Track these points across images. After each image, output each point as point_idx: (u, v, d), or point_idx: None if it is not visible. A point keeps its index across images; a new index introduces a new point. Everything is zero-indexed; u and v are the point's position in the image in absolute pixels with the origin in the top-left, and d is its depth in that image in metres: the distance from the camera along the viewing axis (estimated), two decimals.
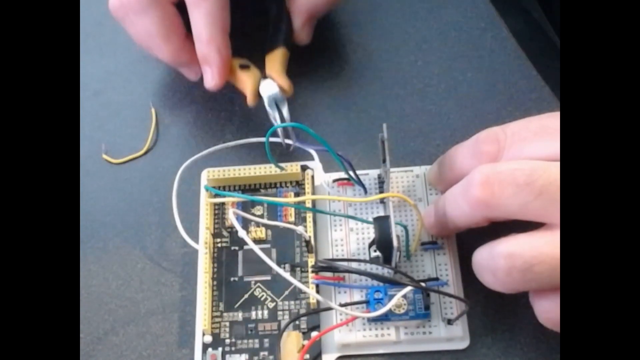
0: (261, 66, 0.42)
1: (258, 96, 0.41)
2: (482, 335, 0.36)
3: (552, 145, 0.32)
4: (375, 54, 0.46)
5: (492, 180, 0.32)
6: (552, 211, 0.31)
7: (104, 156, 0.44)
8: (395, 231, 0.35)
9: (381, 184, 0.40)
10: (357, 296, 0.37)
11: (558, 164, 0.31)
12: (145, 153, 0.44)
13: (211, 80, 0.41)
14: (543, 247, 0.31)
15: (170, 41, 0.41)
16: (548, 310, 0.32)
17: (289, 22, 0.43)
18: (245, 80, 0.42)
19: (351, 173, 0.39)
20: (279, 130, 0.40)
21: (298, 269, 0.39)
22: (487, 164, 0.33)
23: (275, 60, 0.42)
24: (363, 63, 0.46)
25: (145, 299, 0.39)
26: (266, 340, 0.37)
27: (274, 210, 0.41)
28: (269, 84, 0.41)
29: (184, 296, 0.39)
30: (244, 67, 0.42)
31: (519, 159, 0.33)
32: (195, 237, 0.39)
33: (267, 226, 0.40)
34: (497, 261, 0.32)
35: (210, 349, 0.37)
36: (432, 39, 0.46)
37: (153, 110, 0.45)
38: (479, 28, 0.46)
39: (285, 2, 0.43)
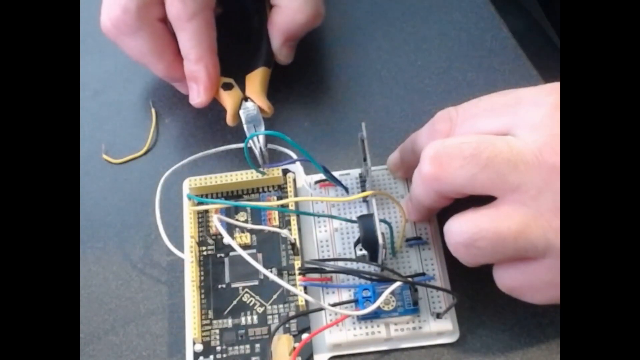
0: (244, 85, 0.43)
1: (238, 117, 0.42)
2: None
3: (500, 120, 0.33)
4: (375, 54, 0.46)
5: (441, 154, 0.33)
6: (498, 184, 0.31)
7: (104, 156, 0.44)
8: (380, 228, 0.35)
9: (363, 183, 0.41)
10: (345, 296, 0.37)
11: (504, 138, 0.32)
12: (145, 153, 0.44)
13: (197, 97, 0.42)
14: (484, 223, 0.32)
15: (163, 58, 0.42)
16: (505, 278, 0.34)
17: (269, 40, 0.43)
18: (227, 101, 0.42)
19: (330, 175, 0.39)
20: (255, 150, 0.40)
21: (285, 272, 0.39)
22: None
23: (255, 80, 0.42)
24: (363, 63, 0.46)
25: (145, 299, 0.39)
26: (257, 345, 0.37)
27: (258, 216, 0.41)
28: (249, 105, 0.42)
29: (184, 296, 0.39)
30: (227, 86, 0.42)
31: (469, 134, 0.34)
32: (181, 246, 0.40)
33: (251, 231, 0.40)
34: (447, 237, 0.33)
35: (201, 358, 0.37)
36: (432, 39, 0.46)
37: (153, 110, 0.45)
38: (479, 28, 0.46)
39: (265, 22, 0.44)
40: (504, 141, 0.32)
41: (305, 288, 0.37)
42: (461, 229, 0.32)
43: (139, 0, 0.40)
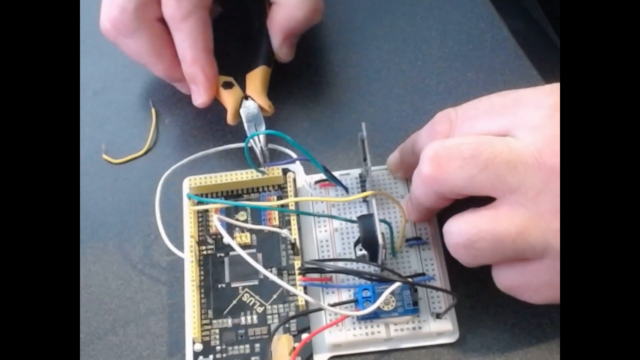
0: (244, 84, 0.43)
1: (238, 116, 0.42)
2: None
3: (500, 121, 0.33)
4: (375, 54, 0.46)
5: (440, 155, 0.33)
6: (497, 185, 0.32)
7: (104, 156, 0.44)
8: (380, 228, 0.35)
9: (363, 183, 0.41)
10: (345, 296, 0.37)
11: (504, 139, 0.32)
12: (145, 153, 0.44)
13: (198, 98, 0.42)
14: (483, 225, 0.32)
15: (162, 59, 0.42)
16: (503, 277, 0.34)
17: (269, 39, 0.43)
18: (227, 99, 0.42)
19: (330, 175, 0.39)
20: (256, 149, 0.40)
21: (285, 272, 0.39)
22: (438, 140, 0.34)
23: (256, 79, 0.42)
24: (363, 63, 0.46)
25: (145, 299, 0.39)
26: (257, 345, 0.37)
27: (257, 215, 0.41)
28: (250, 104, 0.42)
29: (184, 296, 0.39)
30: (227, 85, 0.42)
31: (468, 135, 0.34)
32: (181, 246, 0.39)
33: (251, 231, 0.40)
34: (447, 238, 0.34)
35: (201, 357, 0.37)
36: (432, 39, 0.46)
37: (153, 110, 0.45)
38: (479, 28, 0.46)
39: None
40: (503, 142, 0.32)
41: (305, 288, 0.37)
42: (460, 230, 0.32)
43: (137, 1, 0.40)
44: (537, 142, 0.31)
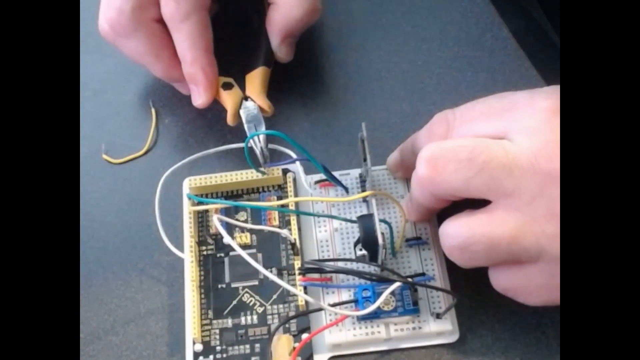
0: (244, 84, 0.43)
1: (238, 117, 0.42)
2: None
3: (497, 124, 0.33)
4: (375, 54, 0.46)
5: (437, 157, 0.33)
6: (492, 188, 0.32)
7: (104, 156, 0.44)
8: (380, 229, 0.35)
9: (363, 183, 0.41)
10: (345, 296, 0.37)
11: (500, 142, 0.32)
12: (145, 153, 0.44)
13: (198, 98, 0.42)
14: (478, 228, 0.32)
15: (161, 59, 0.42)
16: (499, 279, 0.34)
17: (268, 39, 0.43)
18: (227, 100, 0.42)
19: (330, 175, 0.39)
20: (256, 150, 0.40)
21: (285, 272, 0.39)
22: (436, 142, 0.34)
23: (255, 80, 0.42)
24: (363, 63, 0.46)
25: (145, 299, 0.39)
26: (257, 345, 0.37)
27: (258, 215, 0.41)
28: (249, 104, 0.42)
29: (184, 296, 0.39)
30: (227, 86, 0.42)
31: (465, 137, 0.34)
32: (181, 246, 0.39)
33: (251, 231, 0.40)
34: (442, 240, 0.34)
35: (201, 357, 0.37)
36: (432, 39, 0.46)
37: (153, 110, 0.45)
38: (479, 28, 0.46)
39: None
40: (499, 145, 0.32)
41: (305, 288, 0.37)
42: (455, 233, 0.33)
43: (134, 2, 0.40)
44: (533, 146, 0.31)
